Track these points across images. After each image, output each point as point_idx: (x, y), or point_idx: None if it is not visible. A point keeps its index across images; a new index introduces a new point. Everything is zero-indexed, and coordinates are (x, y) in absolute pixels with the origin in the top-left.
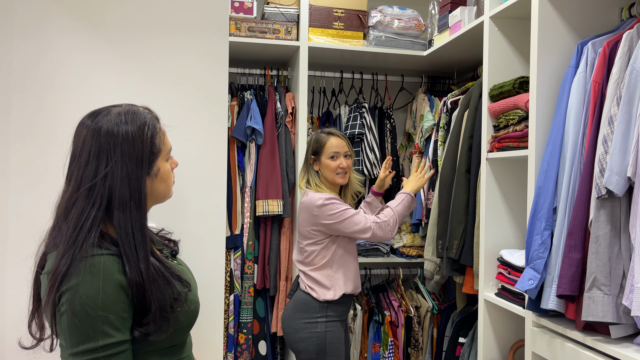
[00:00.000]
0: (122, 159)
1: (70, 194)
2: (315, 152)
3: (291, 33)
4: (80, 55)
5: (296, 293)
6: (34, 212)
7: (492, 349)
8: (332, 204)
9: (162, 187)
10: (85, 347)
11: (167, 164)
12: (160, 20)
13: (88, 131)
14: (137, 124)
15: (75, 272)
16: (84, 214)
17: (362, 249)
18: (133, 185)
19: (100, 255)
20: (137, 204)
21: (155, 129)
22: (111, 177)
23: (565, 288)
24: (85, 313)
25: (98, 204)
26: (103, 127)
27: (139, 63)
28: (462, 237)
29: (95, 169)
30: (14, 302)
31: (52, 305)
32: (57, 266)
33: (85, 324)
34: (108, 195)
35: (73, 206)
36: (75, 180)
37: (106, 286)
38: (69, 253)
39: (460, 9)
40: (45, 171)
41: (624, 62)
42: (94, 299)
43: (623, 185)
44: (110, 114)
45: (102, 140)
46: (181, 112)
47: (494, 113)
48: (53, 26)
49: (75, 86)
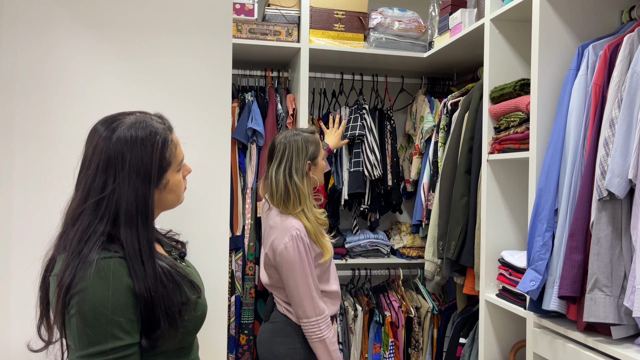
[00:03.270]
0: (130, 175)
1: (78, 204)
2: (313, 156)
3: (292, 35)
4: (83, 57)
5: (273, 314)
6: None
7: (492, 349)
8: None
9: (170, 197)
10: (94, 350)
11: (178, 175)
12: (164, 23)
13: (99, 141)
14: (147, 138)
15: (84, 276)
16: (91, 227)
17: (362, 250)
18: (140, 201)
19: (109, 258)
20: (144, 220)
21: (167, 141)
22: (119, 192)
23: (567, 289)
24: (95, 316)
25: (105, 219)
26: (113, 138)
27: (143, 65)
28: (459, 238)
29: (103, 183)
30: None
31: (61, 307)
32: (65, 269)
33: (95, 327)
34: (115, 210)
35: (79, 217)
36: (83, 190)
37: (116, 290)
38: (76, 258)
39: (461, 11)
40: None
41: (624, 65)
42: (104, 302)
43: (624, 187)
44: (122, 125)
45: (111, 153)
46: (184, 113)
47: (495, 115)
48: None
49: (78, 88)
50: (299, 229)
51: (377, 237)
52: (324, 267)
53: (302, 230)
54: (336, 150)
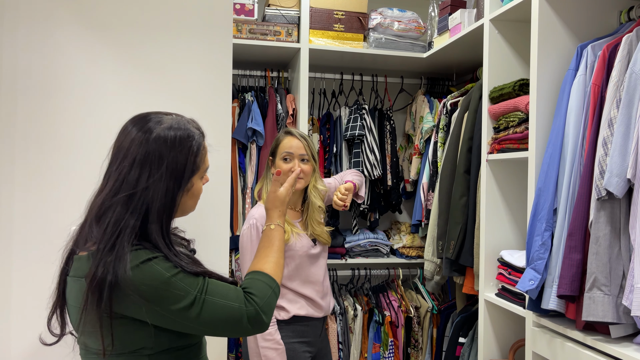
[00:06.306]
0: (165, 174)
1: (106, 197)
2: (273, 152)
3: (292, 35)
4: (84, 57)
5: None
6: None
7: (492, 348)
8: (246, 241)
9: (190, 202)
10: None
11: (200, 182)
12: (165, 23)
13: (137, 135)
14: (185, 140)
15: (123, 269)
16: (122, 221)
17: (361, 250)
18: (169, 200)
19: (140, 249)
20: (168, 217)
21: (201, 147)
22: (153, 189)
23: (566, 288)
24: (156, 290)
25: (137, 214)
26: (152, 136)
27: (143, 65)
28: (459, 238)
29: (137, 177)
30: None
31: (96, 308)
32: (98, 265)
33: (165, 290)
34: (146, 207)
35: (109, 210)
36: (113, 183)
37: (155, 264)
38: (109, 253)
39: (460, 12)
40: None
41: (623, 65)
42: (156, 276)
43: (623, 186)
44: (162, 124)
45: (149, 149)
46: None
47: (494, 115)
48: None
49: (79, 88)
50: (257, 218)
51: (376, 237)
52: (292, 261)
53: (259, 219)
54: (336, 150)
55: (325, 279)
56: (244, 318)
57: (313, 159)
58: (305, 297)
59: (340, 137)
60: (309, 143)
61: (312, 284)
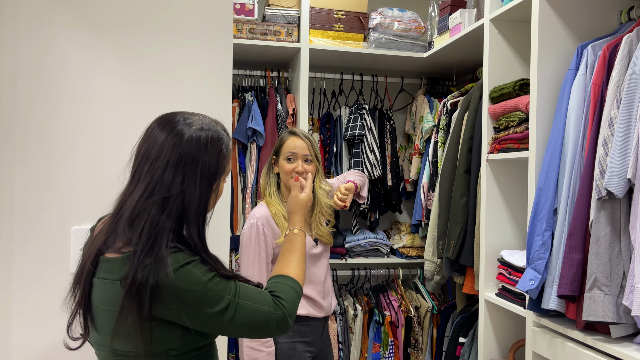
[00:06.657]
0: (200, 176)
1: (139, 199)
2: (276, 151)
3: (292, 35)
4: (84, 57)
5: None
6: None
7: (492, 348)
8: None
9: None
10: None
11: (222, 184)
12: (165, 23)
13: (168, 137)
14: (217, 142)
15: (165, 273)
16: (159, 224)
17: (362, 250)
18: (202, 202)
19: (178, 252)
20: (204, 219)
21: (229, 149)
22: (189, 192)
23: (566, 288)
24: (193, 294)
25: (173, 217)
26: (185, 137)
27: (143, 64)
28: (459, 238)
29: (171, 179)
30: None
31: (136, 312)
32: (137, 268)
33: (203, 294)
34: (182, 209)
35: (143, 212)
36: (146, 184)
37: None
38: (149, 256)
39: (460, 12)
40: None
41: (623, 65)
42: (195, 279)
43: (623, 186)
44: (191, 125)
45: (183, 151)
46: None
47: (494, 115)
48: (58, 28)
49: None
50: (258, 217)
51: (376, 237)
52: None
53: (260, 219)
54: (336, 150)
55: (327, 279)
56: (273, 321)
57: (316, 160)
58: (305, 297)
59: (340, 137)
60: (313, 143)
61: (312, 284)
